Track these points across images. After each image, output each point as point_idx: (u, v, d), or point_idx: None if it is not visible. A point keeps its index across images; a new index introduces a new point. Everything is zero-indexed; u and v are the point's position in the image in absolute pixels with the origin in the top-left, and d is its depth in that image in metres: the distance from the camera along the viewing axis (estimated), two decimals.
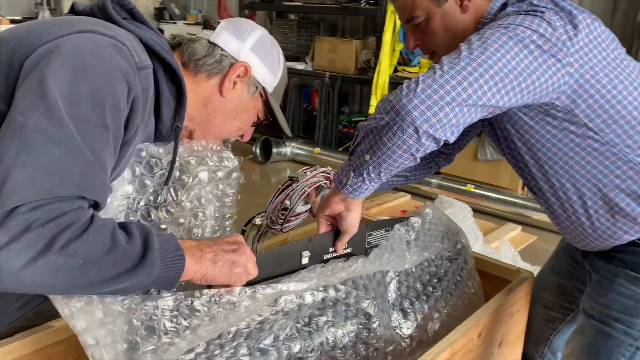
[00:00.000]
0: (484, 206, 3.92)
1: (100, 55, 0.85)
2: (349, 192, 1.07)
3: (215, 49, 1.10)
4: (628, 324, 1.15)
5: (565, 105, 1.09)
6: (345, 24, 6.16)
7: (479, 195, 3.98)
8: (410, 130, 0.94)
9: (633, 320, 1.15)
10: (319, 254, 1.16)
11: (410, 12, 1.19)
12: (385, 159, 0.99)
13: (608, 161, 1.12)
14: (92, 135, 0.81)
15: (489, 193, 3.95)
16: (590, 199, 1.16)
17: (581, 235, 1.23)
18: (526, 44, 1.00)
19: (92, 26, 0.90)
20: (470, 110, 0.96)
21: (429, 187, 4.18)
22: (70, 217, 0.76)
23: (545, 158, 1.17)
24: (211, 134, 1.16)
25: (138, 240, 0.82)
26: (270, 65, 1.15)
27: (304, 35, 6.17)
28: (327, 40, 5.50)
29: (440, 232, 1.36)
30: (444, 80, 0.94)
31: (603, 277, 1.22)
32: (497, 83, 0.97)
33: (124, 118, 0.88)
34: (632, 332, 1.15)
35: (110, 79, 0.84)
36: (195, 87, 1.10)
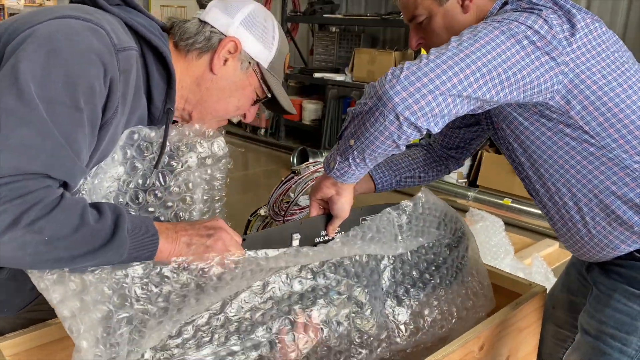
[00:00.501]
0: (522, 221, 3.81)
1: (74, 39, 0.86)
2: (336, 176, 1.07)
3: (205, 26, 1.10)
4: (624, 341, 1.10)
5: (560, 106, 1.06)
6: (386, 35, 6.17)
7: (516, 209, 3.88)
8: (392, 116, 0.93)
9: (629, 338, 1.10)
10: (310, 236, 1.16)
11: (413, 10, 1.19)
12: (369, 145, 0.98)
13: (604, 166, 1.08)
14: (64, 117, 0.82)
15: (527, 207, 3.83)
16: (586, 205, 1.12)
17: (578, 243, 1.18)
18: (519, 39, 0.98)
19: (70, 12, 0.92)
20: (455, 101, 0.94)
21: (465, 200, 4.10)
22: (38, 194, 0.78)
23: (540, 161, 1.14)
24: (208, 114, 1.14)
25: (108, 220, 0.85)
26: (263, 39, 1.13)
27: (345, 47, 6.23)
28: (367, 51, 5.52)
29: (436, 218, 1.32)
30: (428, 69, 0.93)
31: (601, 292, 1.17)
32: (484, 75, 0.95)
33: (100, 99, 0.88)
34: (628, 350, 1.09)
35: (84, 62, 0.85)
36: (188, 67, 1.10)
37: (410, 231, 1.26)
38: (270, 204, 1.31)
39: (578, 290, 1.35)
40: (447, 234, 1.35)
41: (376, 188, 1.43)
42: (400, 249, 1.23)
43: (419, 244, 1.28)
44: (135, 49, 0.98)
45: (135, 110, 1.04)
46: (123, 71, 0.93)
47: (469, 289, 1.36)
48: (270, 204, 1.31)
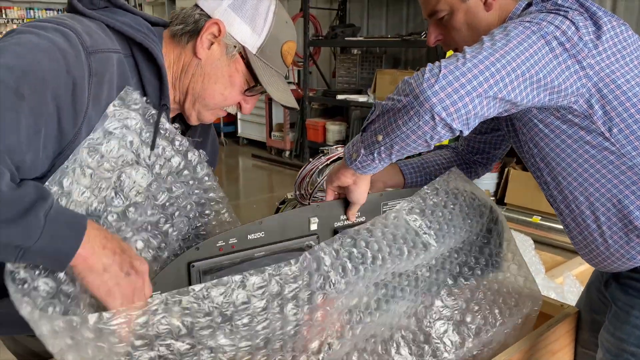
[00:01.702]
0: (552, 239, 3.73)
1: (41, 36, 0.87)
2: (357, 168, 1.05)
3: (195, 9, 1.07)
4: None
5: (583, 110, 1.05)
6: (408, 56, 6.21)
7: (546, 227, 3.81)
8: (427, 116, 0.91)
9: None
10: (328, 221, 1.15)
11: (434, 5, 1.17)
12: (398, 142, 0.97)
13: (624, 175, 1.06)
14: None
15: (557, 225, 3.75)
16: (604, 214, 1.10)
17: (594, 252, 1.16)
18: (549, 40, 0.98)
19: (48, 19, 0.93)
20: (490, 103, 0.93)
21: None
22: None
23: (559, 168, 1.12)
24: (197, 103, 1.10)
25: (28, 197, 0.77)
26: (252, 23, 1.06)
27: (367, 68, 6.28)
28: (389, 72, 5.56)
29: (467, 201, 1.28)
30: (466, 68, 0.91)
31: (620, 308, 1.15)
32: (519, 77, 0.94)
33: (55, 95, 0.85)
34: None
35: (43, 55, 0.84)
36: (180, 55, 1.07)
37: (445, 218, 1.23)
38: (296, 184, 1.29)
39: (600, 310, 1.31)
40: (479, 220, 1.30)
41: (405, 183, 1.42)
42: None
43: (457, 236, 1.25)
44: (114, 51, 0.96)
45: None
46: (95, 73, 0.91)
47: (510, 286, 1.33)
48: (296, 185, 1.29)
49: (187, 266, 0.99)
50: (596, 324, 1.33)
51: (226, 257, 1.02)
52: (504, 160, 4.59)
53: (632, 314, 1.11)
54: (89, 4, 1.03)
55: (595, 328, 1.33)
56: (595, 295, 1.34)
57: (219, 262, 1.01)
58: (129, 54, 1.01)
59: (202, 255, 1.00)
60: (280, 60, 1.12)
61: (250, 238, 1.04)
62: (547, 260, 3.14)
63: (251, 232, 1.04)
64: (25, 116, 0.81)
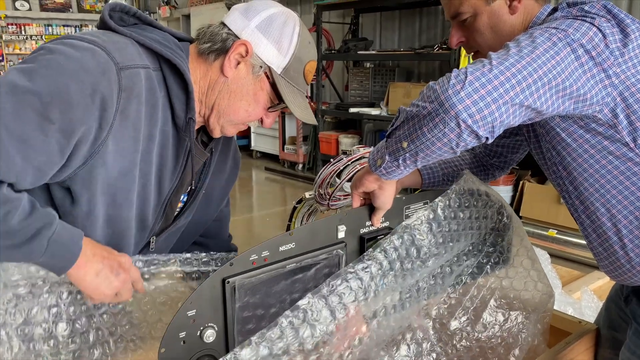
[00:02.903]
0: (568, 253, 3.67)
1: (70, 56, 0.91)
2: (382, 174, 1.04)
3: (223, 28, 1.10)
4: None
5: (608, 119, 1.02)
6: (421, 69, 6.21)
7: (562, 241, 3.75)
8: (453, 124, 0.89)
9: None
10: (355, 228, 1.15)
11: (457, 7, 1.16)
12: (424, 149, 0.95)
13: None
14: (30, 121, 0.86)
15: (573, 239, 3.70)
16: (626, 227, 1.08)
17: (615, 264, 1.13)
18: (574, 48, 0.96)
19: (81, 35, 0.98)
20: (516, 111, 0.91)
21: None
22: None
23: (580, 179, 1.10)
24: (222, 118, 1.14)
25: (35, 224, 0.91)
26: (278, 44, 1.10)
27: (379, 81, 6.29)
28: (401, 85, 5.56)
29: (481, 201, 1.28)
30: (493, 75, 0.90)
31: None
32: (545, 84, 0.92)
33: (82, 119, 0.91)
34: None
35: (70, 78, 0.90)
36: (207, 71, 1.11)
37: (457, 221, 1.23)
38: (316, 184, 1.29)
39: (620, 327, 1.28)
40: (491, 219, 1.30)
41: (423, 184, 1.42)
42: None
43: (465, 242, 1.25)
44: (143, 66, 1.01)
45: (155, 124, 1.05)
46: (125, 88, 0.96)
47: (523, 281, 1.32)
48: (316, 185, 1.29)
49: (221, 282, 0.99)
50: (617, 341, 1.29)
51: (259, 271, 1.02)
52: (519, 173, 4.54)
53: None
54: (119, 20, 1.08)
55: (616, 345, 1.30)
56: (615, 312, 1.31)
57: (252, 277, 1.01)
58: (158, 68, 1.05)
59: (236, 270, 1.00)
60: (302, 79, 1.16)
61: (281, 250, 1.05)
62: (564, 275, 3.09)
63: (283, 243, 1.05)
64: (56, 139, 0.89)
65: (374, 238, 1.16)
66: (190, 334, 0.98)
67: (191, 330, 0.97)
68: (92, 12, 11.79)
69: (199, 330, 0.98)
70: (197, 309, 0.97)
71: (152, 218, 1.14)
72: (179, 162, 1.13)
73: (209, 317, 0.99)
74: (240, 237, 2.18)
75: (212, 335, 0.99)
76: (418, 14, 6.08)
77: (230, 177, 1.36)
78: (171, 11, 10.73)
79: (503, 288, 1.29)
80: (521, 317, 1.28)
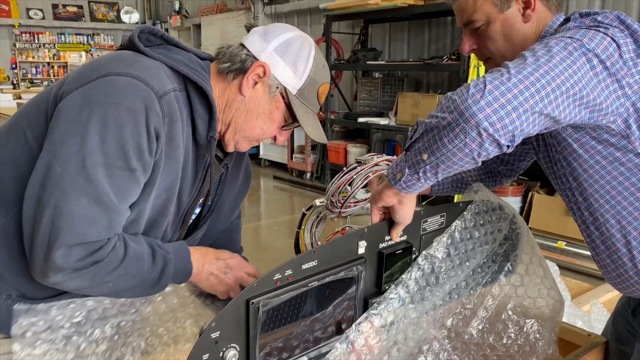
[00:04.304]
0: (578, 265, 3.64)
1: (119, 102, 0.98)
2: (402, 187, 1.01)
3: (242, 49, 1.16)
4: None
5: (621, 129, 1.02)
6: (430, 79, 6.22)
7: (571, 252, 3.72)
8: (474, 133, 0.88)
9: None
10: (374, 243, 1.14)
11: (470, 15, 1.16)
12: (445, 161, 0.93)
13: None
14: (120, 178, 0.99)
15: (583, 250, 3.67)
16: (635, 239, 1.07)
17: (622, 276, 1.13)
18: (590, 58, 0.95)
19: (115, 67, 1.02)
20: (536, 119, 0.90)
21: None
22: (108, 257, 1.01)
23: (591, 190, 1.09)
24: (237, 135, 1.19)
25: (158, 268, 1.08)
26: (294, 67, 1.15)
27: (388, 91, 6.30)
28: (410, 95, 5.57)
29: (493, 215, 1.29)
30: (512, 84, 0.89)
31: None
32: (563, 93, 0.91)
33: (150, 151, 1.01)
34: None
35: (130, 124, 0.98)
36: (225, 90, 1.16)
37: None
38: (329, 193, 1.28)
39: (627, 340, 1.27)
40: (502, 231, 1.30)
41: (432, 191, 1.41)
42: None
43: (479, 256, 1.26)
44: (174, 89, 1.07)
45: (186, 140, 1.11)
46: (167, 114, 1.04)
47: (535, 288, 1.32)
48: (329, 193, 1.28)
49: (245, 303, 0.98)
50: (625, 355, 1.28)
51: (282, 290, 1.01)
52: (528, 184, 4.53)
53: None
54: (146, 41, 1.13)
55: (623, 359, 1.29)
56: (622, 325, 1.30)
57: (276, 296, 1.01)
58: (183, 88, 1.10)
59: (260, 290, 0.99)
60: (316, 100, 1.21)
61: (304, 268, 1.04)
62: (573, 287, 3.06)
63: (305, 261, 1.04)
64: (142, 178, 1.03)
65: (393, 253, 1.15)
66: (213, 356, 0.97)
67: (214, 352, 0.97)
68: (104, 21, 11.95)
69: (221, 352, 0.98)
70: (221, 332, 0.96)
71: (171, 231, 1.20)
72: (198, 177, 1.18)
73: (232, 338, 0.98)
74: (248, 246, 2.18)
75: (234, 357, 0.99)
76: (427, 24, 6.10)
77: (241, 190, 1.41)
78: (182, 20, 10.85)
79: (518, 296, 1.29)
80: (537, 325, 1.28)
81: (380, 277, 1.15)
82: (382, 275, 1.15)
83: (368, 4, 5.42)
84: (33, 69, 11.19)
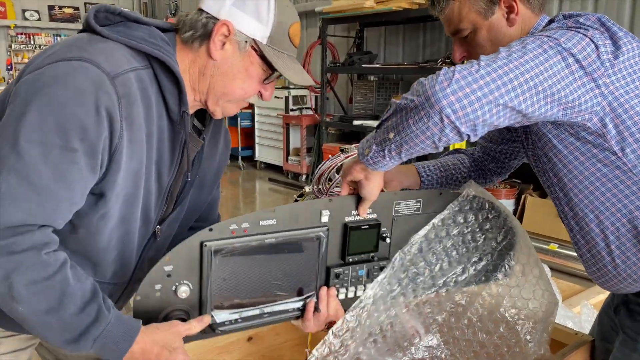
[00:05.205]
0: (570, 267, 3.68)
1: (66, 83, 0.94)
2: (368, 163, 1.07)
3: (201, 14, 1.11)
4: None
5: (597, 128, 1.06)
6: None
7: (564, 255, 3.76)
8: (436, 118, 0.93)
9: None
10: (339, 214, 1.18)
11: (457, 24, 1.20)
12: (408, 141, 0.99)
13: (634, 196, 1.07)
14: (57, 157, 0.93)
15: (575, 253, 3.70)
16: (613, 233, 1.11)
17: (602, 270, 1.16)
18: (565, 57, 0.99)
19: (68, 52, 0.99)
20: (500, 112, 0.95)
21: None
22: (19, 244, 0.91)
23: (570, 185, 1.13)
24: (220, 100, 1.15)
25: (84, 320, 0.96)
26: (257, 15, 1.10)
27: (383, 94, 6.34)
28: None
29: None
30: (479, 75, 0.93)
31: (628, 336, 1.15)
32: (531, 88, 0.95)
33: (96, 133, 0.96)
34: None
35: (74, 105, 0.94)
36: (194, 59, 1.12)
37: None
38: (315, 179, 1.33)
39: (611, 338, 1.30)
40: (496, 231, 1.33)
41: (422, 184, 1.44)
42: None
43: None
44: (134, 69, 1.03)
45: (152, 121, 1.08)
46: (123, 95, 0.99)
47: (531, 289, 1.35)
48: (315, 179, 1.33)
49: (199, 245, 1.04)
50: (609, 353, 1.31)
51: (237, 240, 1.06)
52: (521, 187, 4.57)
53: (639, 341, 1.11)
54: (105, 20, 1.09)
55: (608, 356, 1.32)
56: (606, 323, 1.33)
57: (229, 244, 1.06)
58: (148, 65, 1.07)
59: (215, 236, 1.04)
60: (289, 43, 1.16)
61: (262, 224, 1.08)
62: (565, 289, 3.09)
63: (264, 218, 1.08)
64: (84, 162, 0.96)
65: (358, 228, 1.18)
66: (166, 287, 1.03)
67: (167, 285, 1.03)
68: None
69: (174, 286, 1.04)
70: (174, 266, 1.02)
71: (155, 211, 1.17)
72: (175, 154, 1.15)
73: (185, 275, 1.04)
74: None
75: (185, 292, 1.05)
76: (422, 28, 6.15)
77: (222, 160, 1.37)
78: None
79: (512, 296, 1.32)
80: (528, 326, 1.31)
81: (344, 249, 1.19)
82: (346, 248, 1.19)
83: (363, 7, 5.46)
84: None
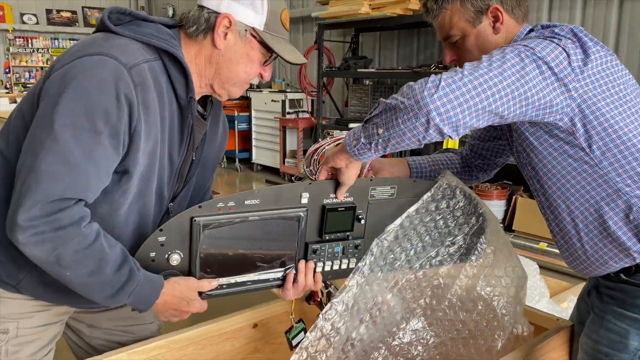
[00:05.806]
0: (558, 265, 3.78)
1: (89, 76, 1.10)
2: (354, 153, 1.19)
3: (202, 10, 1.26)
4: (616, 359, 1.20)
5: (567, 126, 1.19)
6: None
7: (552, 253, 3.87)
8: (423, 119, 1.07)
9: (620, 355, 1.19)
10: (318, 197, 1.31)
11: (448, 30, 1.33)
12: (395, 137, 1.12)
13: (600, 188, 1.20)
14: (86, 139, 1.08)
15: None
16: (582, 221, 1.24)
17: (573, 255, 1.29)
18: (539, 64, 1.12)
19: (89, 49, 1.14)
20: (479, 115, 1.08)
21: None
22: (62, 220, 1.07)
23: (545, 178, 1.27)
24: (225, 83, 1.30)
25: (120, 278, 1.13)
26: (253, 6, 1.26)
27: (378, 98, 6.41)
28: None
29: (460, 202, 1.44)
30: (462, 83, 1.07)
31: (597, 315, 1.27)
32: (508, 94, 1.09)
33: (117, 117, 1.10)
34: None
35: (98, 93, 1.09)
36: (200, 50, 1.27)
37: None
38: (305, 160, 1.48)
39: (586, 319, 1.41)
40: (466, 218, 1.45)
41: (411, 174, 1.58)
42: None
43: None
44: (146, 60, 1.18)
45: (164, 107, 1.22)
46: (138, 84, 1.14)
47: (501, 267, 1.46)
48: (305, 161, 1.47)
49: (189, 220, 1.17)
50: None
51: (224, 217, 1.20)
52: (512, 188, 4.68)
53: (606, 319, 1.24)
54: (117, 20, 1.24)
55: None
56: (582, 307, 1.45)
57: (216, 220, 1.19)
58: (158, 58, 1.21)
59: (203, 212, 1.18)
60: (282, 28, 1.32)
61: (247, 203, 1.22)
62: (553, 286, 3.20)
63: (248, 198, 1.21)
64: (109, 142, 1.11)
65: (335, 209, 1.32)
66: (159, 255, 1.19)
67: (160, 253, 1.18)
68: None
69: (167, 254, 1.19)
70: (167, 237, 1.17)
71: (168, 189, 1.32)
72: (184, 136, 1.30)
73: (176, 245, 1.19)
74: None
75: (176, 260, 1.20)
76: (416, 34, 6.26)
77: (222, 142, 1.53)
78: None
79: (486, 276, 1.44)
80: (503, 301, 1.42)
81: (322, 228, 1.33)
82: (323, 227, 1.32)
83: (359, 13, 5.57)
84: (26, 73, 11.23)
